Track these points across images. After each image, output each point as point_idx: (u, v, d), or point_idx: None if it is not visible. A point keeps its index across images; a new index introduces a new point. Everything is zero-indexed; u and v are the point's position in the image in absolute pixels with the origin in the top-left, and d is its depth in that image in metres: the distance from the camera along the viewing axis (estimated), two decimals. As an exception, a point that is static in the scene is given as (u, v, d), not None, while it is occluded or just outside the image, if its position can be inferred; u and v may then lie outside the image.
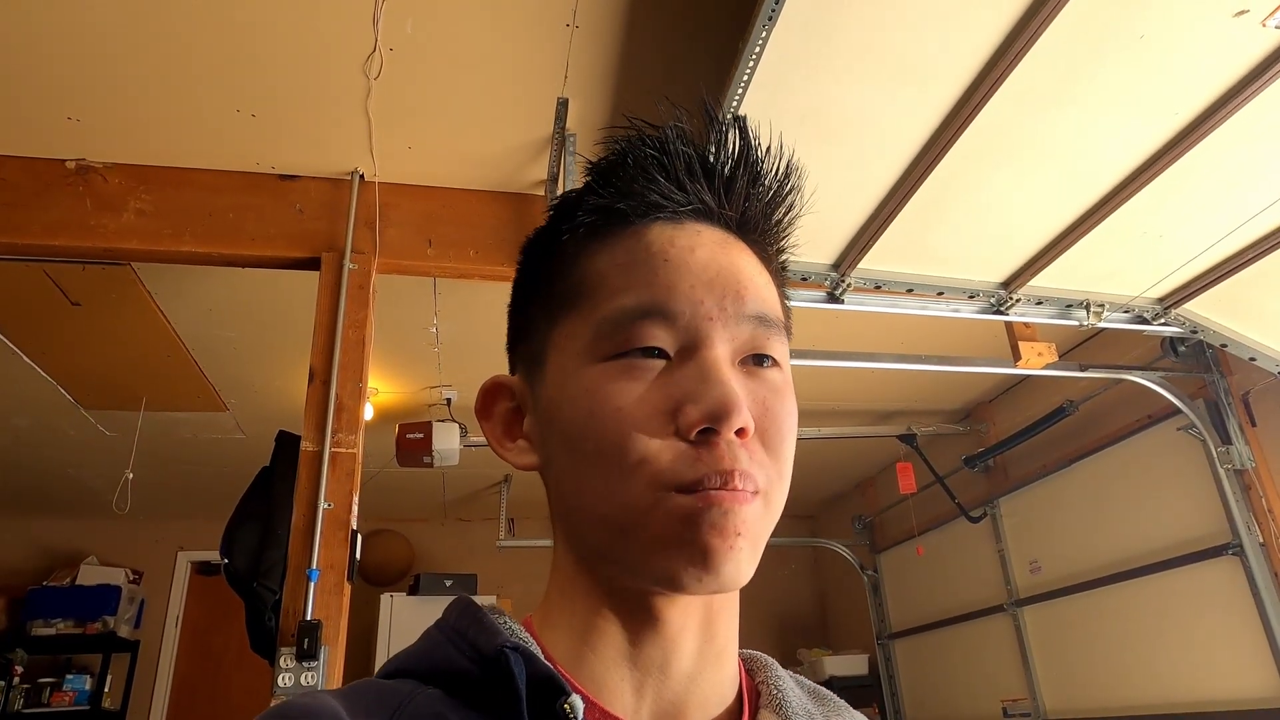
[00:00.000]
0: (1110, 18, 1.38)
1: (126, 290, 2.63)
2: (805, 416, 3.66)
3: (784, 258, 0.53)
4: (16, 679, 4.26)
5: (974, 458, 3.76)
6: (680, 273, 0.45)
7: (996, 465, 3.81)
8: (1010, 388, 3.76)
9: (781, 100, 1.55)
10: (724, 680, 0.48)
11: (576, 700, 0.41)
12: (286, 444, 1.98)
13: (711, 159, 0.48)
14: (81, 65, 1.79)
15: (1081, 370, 2.71)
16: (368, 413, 2.55)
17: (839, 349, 2.71)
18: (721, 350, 0.44)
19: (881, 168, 1.78)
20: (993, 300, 2.20)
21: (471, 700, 0.42)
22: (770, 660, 0.54)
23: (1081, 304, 2.24)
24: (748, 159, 0.49)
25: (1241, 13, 1.36)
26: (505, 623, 0.47)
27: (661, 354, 0.44)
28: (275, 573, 1.75)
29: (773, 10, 1.32)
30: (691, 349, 0.44)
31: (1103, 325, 2.28)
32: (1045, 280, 2.16)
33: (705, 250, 0.47)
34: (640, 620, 0.46)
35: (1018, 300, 2.19)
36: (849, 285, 2.11)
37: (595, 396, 0.44)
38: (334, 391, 1.92)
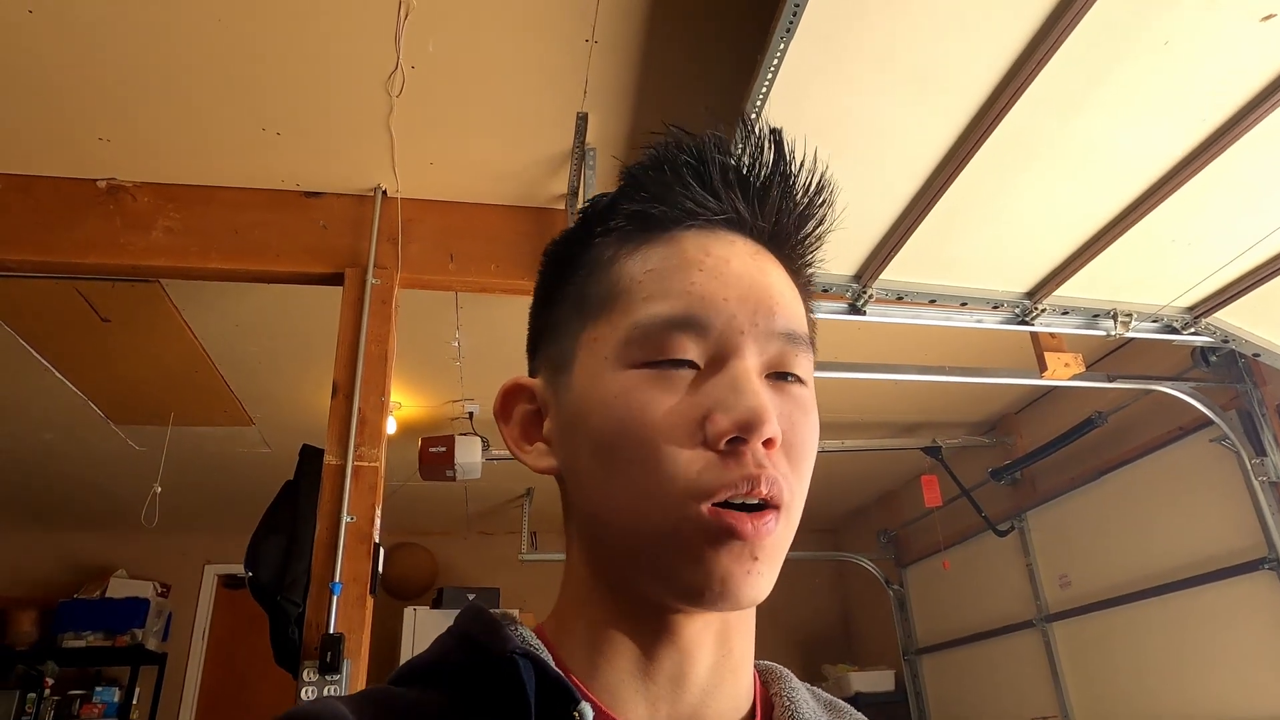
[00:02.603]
0: (1133, 24, 1.36)
1: (155, 306, 2.67)
2: (828, 428, 3.66)
3: (811, 272, 0.53)
4: (47, 691, 4.32)
5: (1001, 470, 3.71)
6: (715, 283, 0.45)
7: (1024, 478, 3.75)
8: (1037, 399, 3.71)
9: (801, 111, 1.55)
10: (739, 694, 0.48)
11: (586, 709, 0.41)
12: (310, 458, 2.00)
13: (746, 169, 0.48)
14: (113, 87, 1.82)
15: (1110, 381, 2.67)
16: (391, 427, 2.57)
17: (862, 360, 2.69)
18: (752, 363, 0.44)
19: (902, 178, 1.77)
20: (1017, 310, 2.18)
21: (481, 708, 0.42)
22: (785, 672, 0.54)
23: (1109, 313, 2.20)
24: (782, 171, 0.48)
25: (1269, 17, 1.33)
26: (517, 630, 0.47)
27: (692, 365, 0.44)
28: (299, 586, 1.76)
29: (790, 23, 1.32)
30: (722, 360, 0.44)
31: (1131, 335, 2.24)
32: (1071, 290, 2.13)
33: (739, 262, 0.47)
34: (654, 632, 0.45)
35: (1043, 310, 2.16)
36: (871, 296, 2.09)
37: (628, 405, 0.43)
38: (357, 405, 1.93)
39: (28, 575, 4.81)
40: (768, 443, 0.42)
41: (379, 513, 1.88)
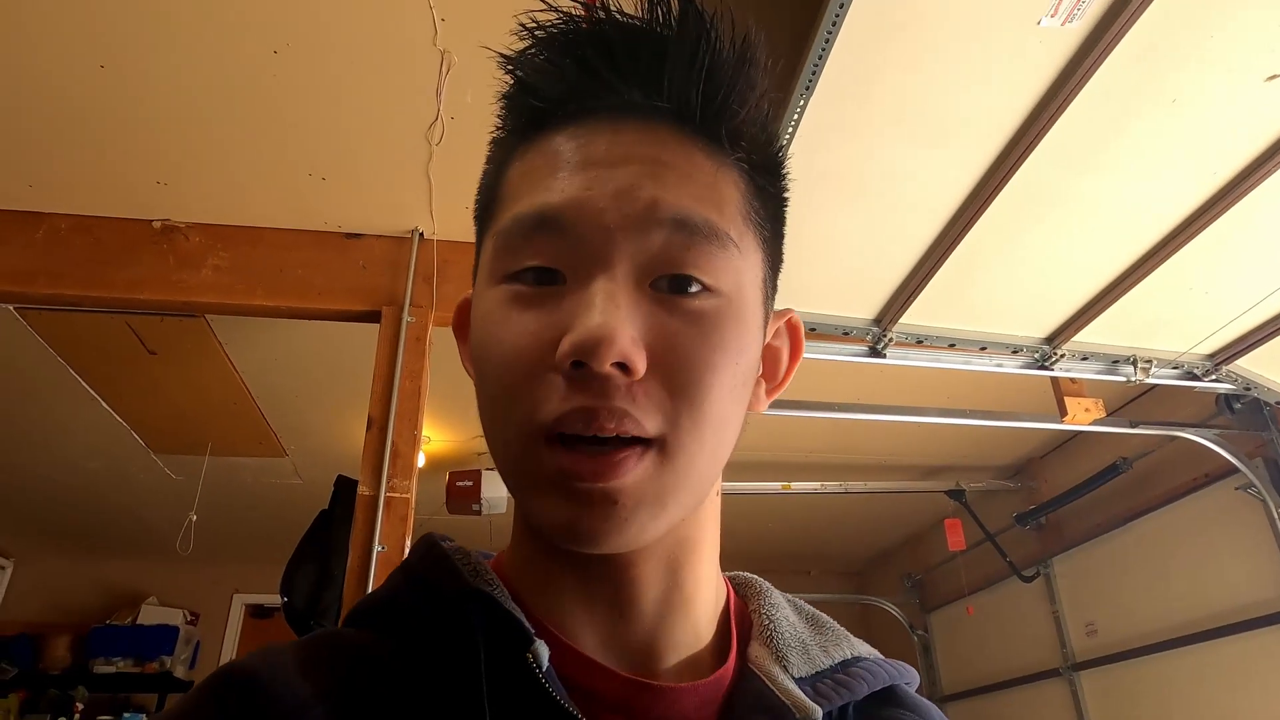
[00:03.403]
0: (1141, 84, 1.42)
1: (199, 340, 2.78)
2: (851, 470, 3.68)
3: (774, 153, 0.45)
4: (77, 716, 4.39)
5: (1025, 515, 3.69)
6: (580, 175, 0.39)
7: (1049, 523, 3.73)
8: (1062, 444, 3.70)
9: (820, 161, 1.61)
10: (697, 622, 0.44)
11: (541, 648, 0.38)
12: (344, 488, 2.07)
13: (637, 44, 0.41)
14: (171, 135, 1.94)
15: (1132, 427, 2.67)
16: (419, 460, 2.63)
17: (884, 402, 2.72)
18: (621, 269, 0.38)
19: (920, 225, 1.82)
20: (1037, 355, 2.21)
21: (431, 651, 0.40)
22: (765, 586, 0.51)
23: (1129, 359, 2.23)
24: (687, 34, 0.40)
25: (1273, 77, 1.39)
26: (470, 563, 0.43)
27: (560, 277, 0.39)
28: (331, 613, 1.82)
29: (810, 81, 1.40)
30: (584, 268, 0.38)
31: (1151, 381, 2.26)
32: (1090, 335, 2.16)
33: (620, 148, 0.40)
34: (583, 562, 0.41)
35: (1062, 355, 2.19)
36: (891, 340, 2.14)
37: (489, 325, 0.40)
38: (390, 438, 2.00)
39: (64, 601, 4.91)
40: (625, 369, 0.36)
41: (409, 543, 1.94)
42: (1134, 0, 1.24)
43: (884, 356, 2.16)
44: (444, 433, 3.55)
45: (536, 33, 0.42)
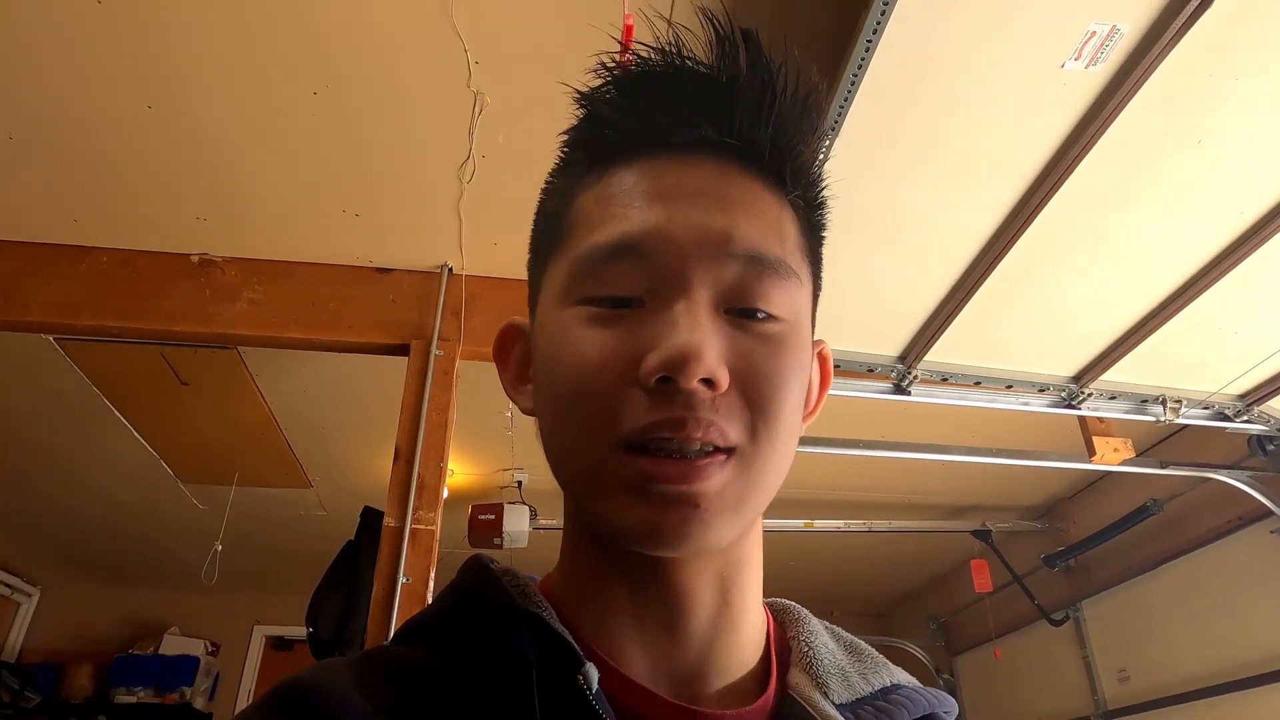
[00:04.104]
0: (1167, 125, 1.43)
1: (231, 371, 2.83)
2: (875, 509, 3.64)
3: (818, 195, 0.48)
4: (97, 746, 4.39)
5: (1054, 557, 3.62)
6: (659, 206, 0.41)
7: (1078, 565, 3.66)
8: (1090, 484, 3.64)
9: (846, 203, 1.62)
10: (745, 643, 0.45)
11: (591, 670, 0.39)
12: (370, 519, 2.09)
13: (711, 79, 0.43)
14: (211, 173, 2.01)
15: (1163, 468, 2.63)
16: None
17: (908, 440, 2.70)
18: (700, 294, 0.40)
19: (944, 265, 1.83)
20: (1064, 394, 2.19)
21: (483, 670, 0.40)
22: (803, 612, 0.51)
23: (1158, 399, 2.21)
24: (757, 78, 0.43)
25: (1299, 119, 1.39)
26: (519, 584, 0.44)
27: (636, 301, 0.41)
28: (356, 642, 1.82)
29: (835, 122, 1.43)
30: (665, 293, 0.40)
31: (1181, 421, 2.23)
32: (1118, 375, 2.15)
33: (695, 182, 0.42)
34: (638, 579, 0.42)
35: (1090, 394, 2.17)
36: (916, 377, 2.13)
37: (564, 342, 0.41)
38: (417, 470, 2.02)
39: (88, 630, 4.94)
40: (710, 384, 0.38)
41: (433, 575, 1.95)
42: (1158, 44, 1.26)
43: (908, 394, 2.16)
44: (467, 466, 3.57)
45: (614, 71, 0.44)
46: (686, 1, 1.56)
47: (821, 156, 0.47)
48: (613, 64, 0.44)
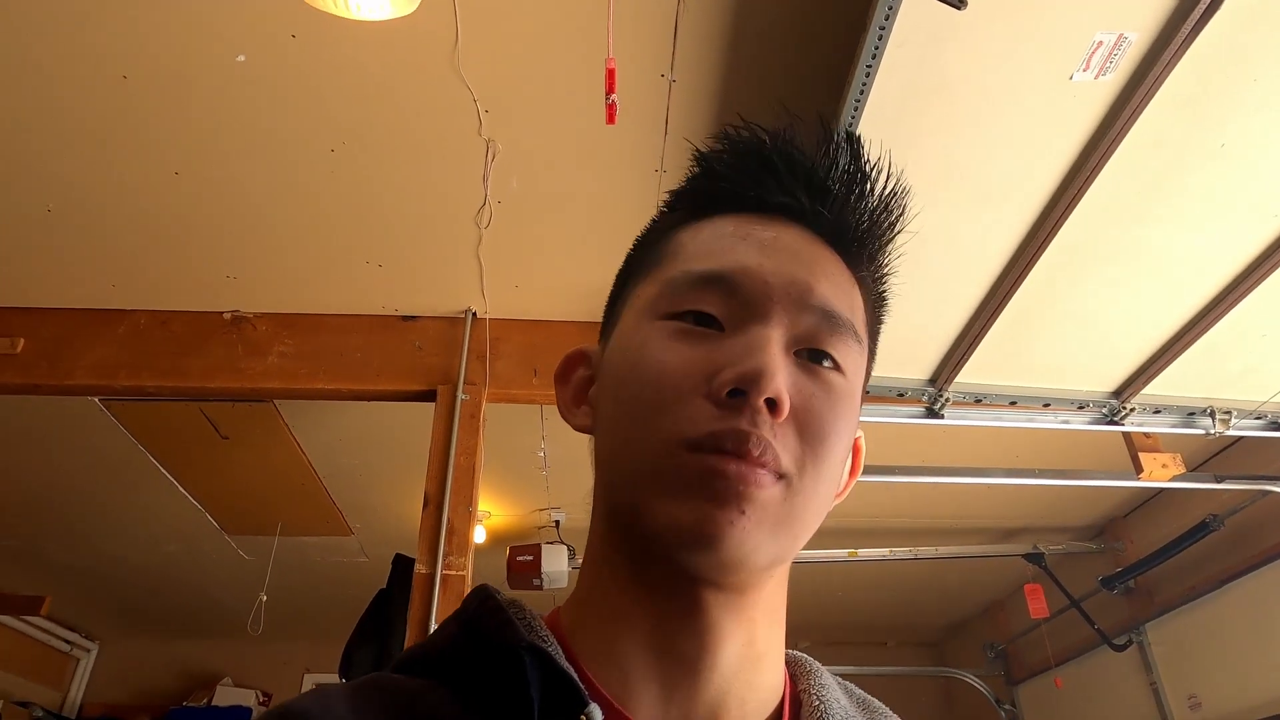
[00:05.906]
0: (1187, 131, 1.39)
1: (269, 423, 2.89)
2: (920, 535, 3.55)
3: (882, 283, 0.53)
4: (153, 800, 4.43)
5: (1112, 578, 3.48)
6: (754, 252, 0.45)
7: (1139, 586, 3.51)
8: (1144, 502, 3.51)
9: (860, 227, 1.61)
10: (764, 686, 0.45)
11: (595, 712, 0.39)
12: (402, 566, 2.09)
13: (814, 164, 0.49)
14: (240, 233, 2.07)
15: (1218, 482, 2.52)
16: (480, 535, 2.65)
17: (948, 464, 2.64)
18: (776, 331, 0.43)
19: (968, 284, 1.80)
20: (1105, 410, 2.12)
21: (485, 703, 0.40)
22: (815, 665, 0.51)
23: (1206, 411, 2.12)
24: (852, 172, 0.49)
25: (1326, 116, 1.34)
26: (525, 617, 0.44)
27: (717, 323, 0.44)
28: (388, 693, 1.81)
29: (842, 148, 1.41)
30: (745, 322, 0.44)
31: (1232, 433, 2.14)
32: (1161, 387, 2.07)
33: (784, 239, 0.47)
34: (670, 606, 0.43)
35: (1132, 409, 2.09)
36: (948, 400, 2.08)
37: (644, 350, 0.44)
38: (446, 516, 2.03)
39: (144, 683, 5.02)
40: (772, 407, 0.40)
41: (465, 621, 1.94)
42: (1168, 50, 1.23)
43: (941, 417, 2.10)
44: (504, 508, 3.57)
45: (733, 137, 0.50)
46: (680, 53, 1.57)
47: (895, 253, 0.52)
48: (734, 131, 0.50)
